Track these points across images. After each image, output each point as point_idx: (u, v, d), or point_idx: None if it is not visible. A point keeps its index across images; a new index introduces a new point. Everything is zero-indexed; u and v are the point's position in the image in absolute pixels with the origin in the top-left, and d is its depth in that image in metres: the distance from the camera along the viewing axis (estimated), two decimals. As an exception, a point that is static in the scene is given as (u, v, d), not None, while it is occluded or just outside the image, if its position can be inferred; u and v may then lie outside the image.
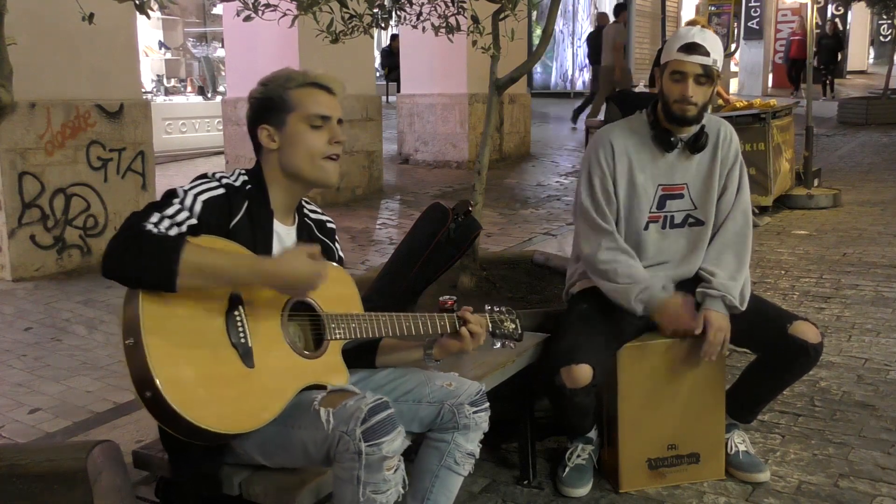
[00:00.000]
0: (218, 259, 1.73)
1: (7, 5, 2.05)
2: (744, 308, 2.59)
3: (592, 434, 2.77)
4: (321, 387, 1.90)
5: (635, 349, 2.62)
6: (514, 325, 2.25)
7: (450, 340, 2.11)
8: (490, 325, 2.19)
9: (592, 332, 2.56)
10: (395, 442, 1.74)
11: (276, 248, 1.95)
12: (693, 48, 2.54)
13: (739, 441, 2.77)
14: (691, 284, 2.64)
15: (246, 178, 1.95)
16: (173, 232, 1.75)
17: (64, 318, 4.69)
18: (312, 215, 2.14)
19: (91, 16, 2.68)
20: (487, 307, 2.24)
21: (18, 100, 2.19)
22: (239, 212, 1.88)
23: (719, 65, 2.57)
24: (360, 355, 2.12)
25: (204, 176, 1.90)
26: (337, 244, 2.17)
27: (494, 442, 2.86)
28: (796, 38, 19.78)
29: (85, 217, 5.78)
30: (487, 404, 2.06)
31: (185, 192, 1.83)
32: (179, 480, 1.96)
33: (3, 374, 3.89)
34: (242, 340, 1.78)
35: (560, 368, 2.46)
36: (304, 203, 2.11)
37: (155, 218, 1.75)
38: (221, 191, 1.87)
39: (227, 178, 1.92)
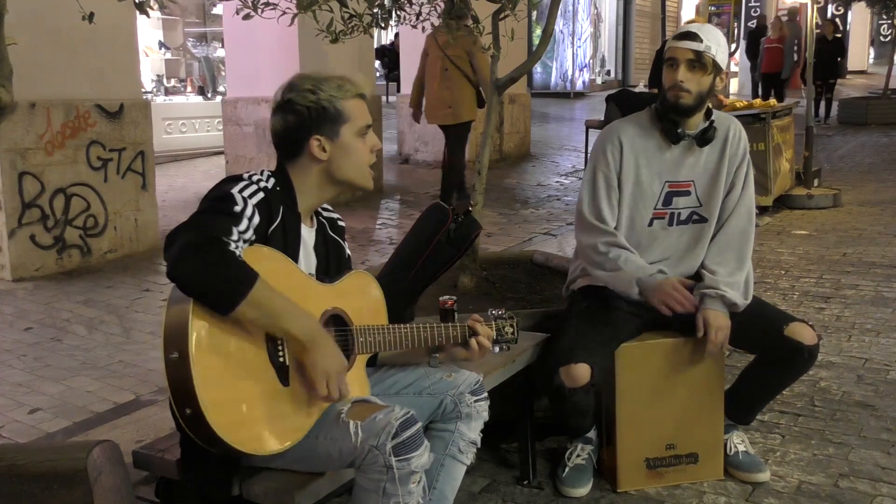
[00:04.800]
0: (278, 306, 1.72)
1: (7, 5, 2.06)
2: (744, 305, 2.59)
3: (592, 434, 2.77)
4: None
5: (634, 349, 2.62)
6: (511, 329, 2.25)
7: (457, 348, 2.14)
8: (495, 334, 2.21)
9: (592, 331, 2.56)
10: (423, 457, 1.78)
11: (301, 251, 1.96)
12: (686, 35, 2.57)
13: (738, 441, 2.76)
14: (692, 281, 2.64)
15: (274, 180, 1.91)
16: (241, 248, 1.74)
17: (64, 318, 4.69)
18: (325, 213, 2.14)
19: (91, 15, 2.68)
20: (492, 312, 2.24)
21: (18, 100, 2.19)
22: (277, 217, 1.87)
23: (718, 56, 2.55)
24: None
25: (239, 178, 1.85)
26: (346, 243, 2.19)
27: (494, 442, 2.86)
28: (771, 45, 15.05)
29: (85, 217, 5.78)
30: (486, 393, 2.13)
31: (244, 199, 1.79)
32: (184, 483, 1.96)
33: (3, 374, 3.89)
34: (280, 360, 1.79)
35: (559, 367, 2.47)
36: None
37: (235, 235, 1.72)
38: (262, 195, 1.84)
39: (262, 179, 1.88)
